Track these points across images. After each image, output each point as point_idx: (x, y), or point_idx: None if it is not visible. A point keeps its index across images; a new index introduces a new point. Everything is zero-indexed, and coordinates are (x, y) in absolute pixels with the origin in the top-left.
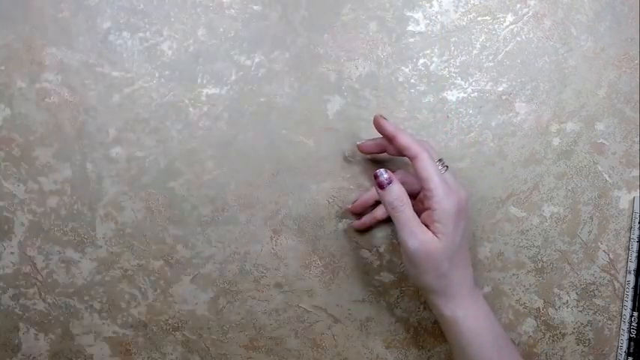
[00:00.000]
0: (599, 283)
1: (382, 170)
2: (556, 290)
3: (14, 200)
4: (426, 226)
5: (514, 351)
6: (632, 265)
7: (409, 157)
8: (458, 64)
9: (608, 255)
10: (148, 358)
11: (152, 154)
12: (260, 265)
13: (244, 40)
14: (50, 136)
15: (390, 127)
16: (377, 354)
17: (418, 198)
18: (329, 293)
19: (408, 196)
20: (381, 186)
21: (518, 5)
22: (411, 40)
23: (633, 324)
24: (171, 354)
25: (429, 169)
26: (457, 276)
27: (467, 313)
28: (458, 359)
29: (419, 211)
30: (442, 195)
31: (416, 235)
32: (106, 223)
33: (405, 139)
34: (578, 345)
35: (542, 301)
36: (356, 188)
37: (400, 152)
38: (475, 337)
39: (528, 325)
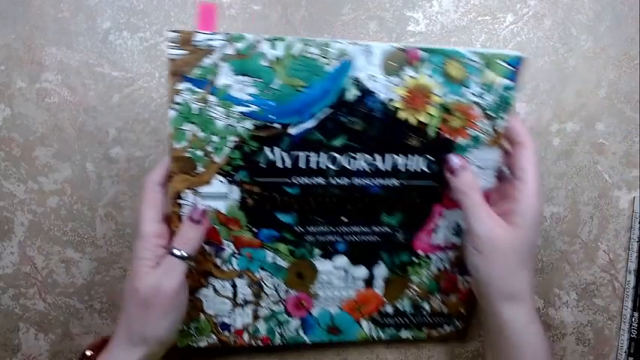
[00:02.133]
0: (599, 283)
1: (452, 156)
2: (556, 290)
3: (14, 200)
4: (503, 215)
5: None
6: (632, 265)
7: (514, 143)
8: None
9: (608, 255)
10: None
11: (152, 154)
12: None
13: None
14: (50, 136)
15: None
16: (377, 354)
17: (496, 188)
18: None
19: (478, 183)
20: (452, 172)
21: (518, 5)
22: (411, 40)
23: (633, 324)
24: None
25: (532, 160)
26: (523, 276)
27: (528, 319)
28: None
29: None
30: (534, 191)
31: (485, 220)
32: (106, 223)
33: (519, 124)
34: (578, 345)
35: (542, 301)
36: None
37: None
38: (533, 340)
39: None
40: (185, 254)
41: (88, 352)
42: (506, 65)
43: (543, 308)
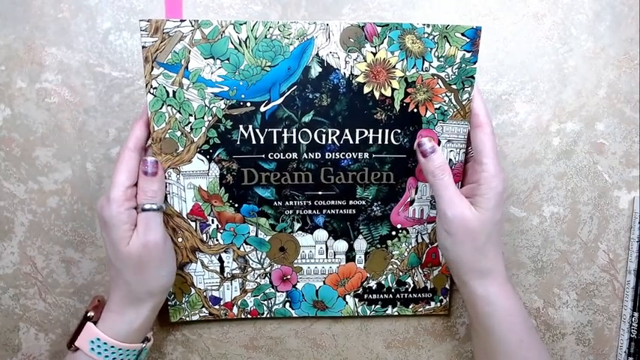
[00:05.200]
0: (599, 283)
1: (425, 139)
2: (556, 290)
3: (14, 200)
4: (468, 198)
5: (538, 334)
6: (632, 265)
7: (473, 124)
8: None
9: (608, 255)
10: (148, 358)
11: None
12: None
13: None
14: (50, 136)
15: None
16: (377, 354)
17: (464, 169)
18: None
19: (448, 166)
20: (423, 154)
21: (519, 5)
22: None
23: (633, 324)
24: (171, 354)
25: (488, 142)
26: (492, 253)
27: (499, 292)
28: (483, 341)
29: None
30: (493, 172)
31: (454, 203)
32: None
33: (478, 103)
34: (578, 345)
35: (542, 301)
36: None
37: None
38: (506, 317)
39: None
40: (155, 206)
41: (90, 314)
42: (463, 37)
43: (543, 308)
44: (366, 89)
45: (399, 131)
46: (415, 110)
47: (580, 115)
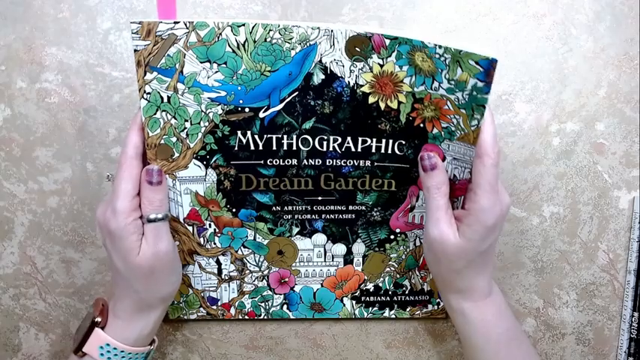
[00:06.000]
0: (599, 283)
1: (430, 154)
2: (556, 290)
3: (14, 200)
4: (458, 221)
5: (525, 343)
6: (632, 265)
7: (477, 152)
8: None
9: (608, 255)
10: None
11: None
12: None
13: None
14: (50, 136)
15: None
16: (377, 354)
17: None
18: None
19: (448, 185)
20: (424, 169)
21: (518, 5)
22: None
23: (633, 324)
24: (171, 354)
25: (486, 175)
26: (471, 275)
27: (473, 308)
28: (466, 348)
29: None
30: (485, 206)
31: (440, 225)
32: None
33: (488, 135)
34: (578, 345)
35: (542, 301)
36: None
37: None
38: (481, 328)
39: (528, 325)
40: (160, 216)
41: (97, 319)
42: (476, 66)
43: (543, 308)
44: (371, 99)
45: (404, 142)
46: (422, 125)
47: (580, 115)
